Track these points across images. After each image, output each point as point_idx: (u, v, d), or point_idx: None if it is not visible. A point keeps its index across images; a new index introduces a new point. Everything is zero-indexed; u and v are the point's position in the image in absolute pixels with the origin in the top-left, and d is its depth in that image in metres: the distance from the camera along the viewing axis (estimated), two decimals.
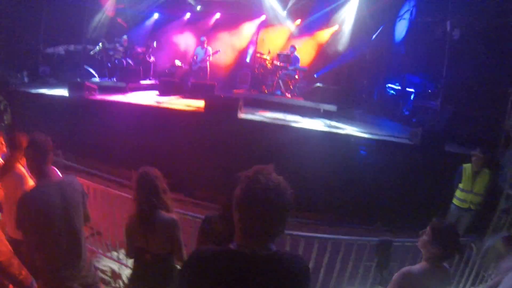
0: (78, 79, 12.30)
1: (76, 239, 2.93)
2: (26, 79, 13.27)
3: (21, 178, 3.51)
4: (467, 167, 6.38)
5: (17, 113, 10.36)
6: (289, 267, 1.64)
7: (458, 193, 6.44)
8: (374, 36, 13.85)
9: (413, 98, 12.42)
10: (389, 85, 13.44)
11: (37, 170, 2.88)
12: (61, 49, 15.11)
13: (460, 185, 6.40)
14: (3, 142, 4.05)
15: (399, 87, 13.04)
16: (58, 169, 3.39)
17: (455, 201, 6.47)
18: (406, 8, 13.18)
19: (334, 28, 14.51)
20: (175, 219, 3.03)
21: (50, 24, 14.33)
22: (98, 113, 9.66)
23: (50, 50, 14.88)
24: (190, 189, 7.85)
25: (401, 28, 13.47)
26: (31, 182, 3.42)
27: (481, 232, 6.36)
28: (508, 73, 8.07)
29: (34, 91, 11.34)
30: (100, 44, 13.22)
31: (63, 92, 10.89)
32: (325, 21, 14.61)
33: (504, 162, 7.49)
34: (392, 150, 7.98)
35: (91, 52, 13.65)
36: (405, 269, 2.79)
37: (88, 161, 8.75)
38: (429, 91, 11.82)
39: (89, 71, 13.76)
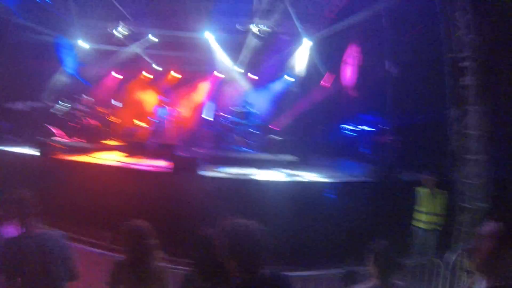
0: (41, 138, 12.29)
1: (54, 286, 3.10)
2: None
3: None
4: (420, 189, 6.94)
5: None
6: (279, 281, 2.27)
7: (419, 216, 6.93)
8: (324, 83, 14.71)
9: (369, 135, 13.10)
10: (345, 125, 14.11)
11: (20, 223, 3.07)
12: (20, 105, 15.06)
13: (421, 208, 6.90)
14: None
15: (355, 127, 13.74)
16: None
17: (419, 224, 6.91)
18: (349, 53, 14.15)
19: (288, 78, 15.54)
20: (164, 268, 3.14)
21: (9, 80, 14.39)
22: (62, 173, 9.62)
23: (8, 105, 14.82)
24: (161, 245, 7.91)
25: (347, 72, 14.33)
26: None
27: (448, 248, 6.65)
28: (444, 99, 8.69)
29: None
30: (63, 102, 13.34)
31: (24, 150, 10.93)
32: (277, 74, 15.63)
33: (455, 179, 7.90)
34: (353, 190, 8.41)
35: (53, 110, 13.72)
36: (356, 286, 3.15)
37: (53, 221, 8.70)
38: (381, 126, 12.53)
39: (50, 129, 13.76)
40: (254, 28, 14.28)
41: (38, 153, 10.32)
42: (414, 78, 10.45)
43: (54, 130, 13.41)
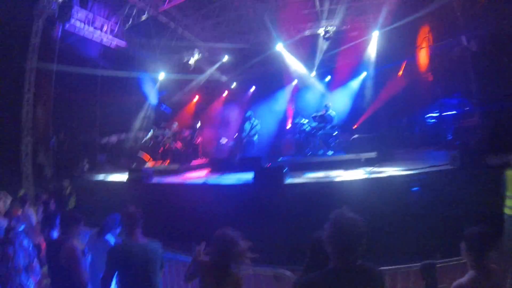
0: (135, 166, 13.30)
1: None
2: (86, 167, 14.58)
3: None
4: (509, 173, 6.27)
5: (81, 197, 11.42)
6: (372, 273, 2.43)
7: (508, 202, 6.28)
8: (400, 72, 14.28)
9: (454, 120, 12.38)
10: (428, 115, 13.53)
11: (128, 233, 3.76)
12: (113, 138, 16.60)
13: (508, 193, 6.25)
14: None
15: (438, 114, 13.10)
16: None
17: (507, 210, 6.27)
18: (422, 36, 13.58)
19: (362, 75, 15.29)
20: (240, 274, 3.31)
21: (104, 117, 16.00)
22: (156, 196, 10.43)
23: (104, 140, 16.41)
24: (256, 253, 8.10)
25: (423, 57, 13.82)
26: None
27: None
28: None
29: (94, 178, 12.81)
30: (151, 131, 14.35)
31: (121, 177, 11.98)
32: (352, 71, 15.45)
33: None
34: (435, 180, 7.95)
35: (143, 140, 14.83)
36: (455, 283, 3.03)
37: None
38: (468, 109, 11.81)
39: (142, 157, 14.82)
40: (321, 31, 14.31)
41: (129, 179, 11.19)
42: (497, 51, 9.55)
43: (145, 157, 14.47)
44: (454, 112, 12.45)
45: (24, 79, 12.45)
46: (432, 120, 13.39)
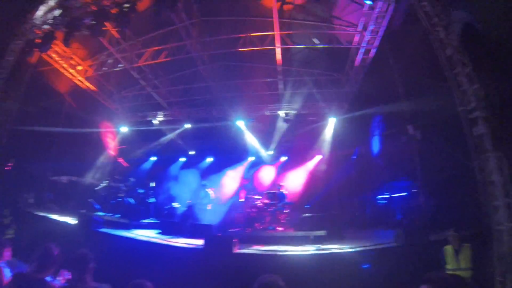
0: (85, 211, 12.99)
1: None
2: (31, 200, 14.00)
3: None
4: (447, 248, 6.86)
5: (21, 230, 10.98)
6: None
7: None
8: (354, 156, 15.22)
9: (402, 201, 13.13)
10: (379, 196, 14.21)
11: (79, 278, 3.61)
12: (64, 179, 16.16)
13: (447, 266, 6.76)
14: None
15: (388, 195, 13.82)
16: None
17: None
18: (374, 124, 14.66)
19: (318, 157, 16.04)
20: None
21: (59, 155, 15.64)
22: (102, 244, 10.28)
23: (54, 178, 15.92)
24: None
25: (375, 143, 14.73)
26: None
27: None
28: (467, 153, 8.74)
29: (39, 213, 12.39)
30: (106, 182, 14.23)
31: (67, 219, 11.71)
32: (307, 153, 16.19)
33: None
34: (380, 257, 8.38)
35: (96, 188, 14.62)
36: None
37: None
38: (414, 190, 12.55)
39: (93, 204, 14.48)
40: (281, 113, 15.28)
41: (79, 223, 10.95)
42: (437, 137, 10.73)
43: (95, 205, 14.20)
44: (403, 193, 13.31)
45: None
46: (383, 201, 14.10)
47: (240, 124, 16.18)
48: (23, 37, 11.92)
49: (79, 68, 14.66)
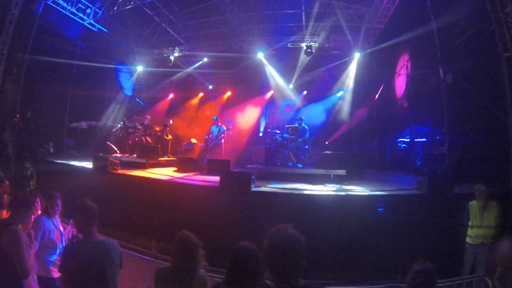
0: (101, 154, 12.97)
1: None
2: (51, 150, 14.17)
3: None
4: (472, 203, 6.53)
5: (42, 180, 11.17)
6: None
7: (469, 231, 6.52)
8: (377, 96, 14.52)
9: (424, 147, 12.70)
10: (400, 139, 13.80)
11: (85, 230, 3.38)
12: (83, 124, 16.20)
13: (470, 223, 6.49)
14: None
15: (409, 139, 13.35)
16: None
17: (468, 239, 6.52)
18: (401, 63, 13.90)
19: (339, 94, 15.48)
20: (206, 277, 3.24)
21: (75, 102, 15.56)
22: (119, 186, 10.29)
23: (74, 124, 15.98)
24: (208, 257, 8.01)
25: (400, 83, 14.08)
26: None
27: None
28: (503, 107, 8.14)
29: (59, 161, 12.36)
30: (122, 122, 14.06)
31: (86, 164, 11.66)
32: (329, 88, 15.61)
33: None
34: (401, 203, 8.06)
35: (113, 130, 14.51)
36: None
37: (107, 229, 9.10)
38: (437, 138, 12.07)
39: (111, 146, 14.48)
40: (304, 45, 14.49)
41: (98, 168, 10.86)
42: (471, 85, 9.91)
43: (113, 147, 14.15)
44: (424, 139, 12.80)
45: None
46: (403, 145, 13.69)
47: (261, 57, 15.53)
48: None
49: (88, 11, 14.24)
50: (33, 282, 3.83)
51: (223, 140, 13.61)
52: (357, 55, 14.71)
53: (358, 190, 9.00)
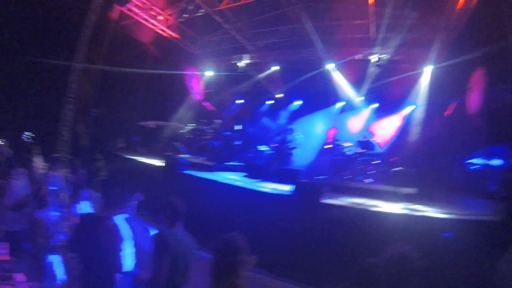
0: (169, 153, 13.51)
1: (188, 274, 3.72)
2: (121, 145, 14.98)
3: None
4: None
5: (111, 173, 11.76)
6: None
7: None
8: (449, 112, 13.94)
9: (501, 170, 11.81)
10: (471, 160, 13.02)
11: (171, 224, 3.79)
12: (152, 123, 16.99)
13: None
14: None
15: (483, 161, 12.60)
16: None
17: None
18: (476, 78, 12.94)
19: (410, 108, 15.01)
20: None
21: (146, 101, 16.40)
22: (186, 186, 10.66)
23: (143, 123, 16.81)
24: (272, 265, 7.88)
25: (474, 99, 13.27)
26: None
27: None
28: None
29: (127, 156, 13.11)
30: (192, 125, 14.56)
31: (153, 161, 12.24)
32: (399, 103, 15.19)
33: None
34: (475, 230, 7.57)
35: (182, 131, 15.07)
36: None
37: None
38: None
39: (179, 147, 15.03)
40: (372, 58, 14.30)
41: (169, 166, 11.32)
42: None
43: (180, 148, 14.69)
44: (501, 161, 12.17)
45: (75, 50, 12.93)
46: (475, 167, 12.90)
47: (330, 67, 15.49)
48: None
49: (160, 18, 14.97)
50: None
51: (295, 151, 13.51)
52: (428, 69, 14.15)
53: (429, 211, 8.78)
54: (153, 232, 4.15)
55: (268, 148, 14.80)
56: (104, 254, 3.65)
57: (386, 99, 15.43)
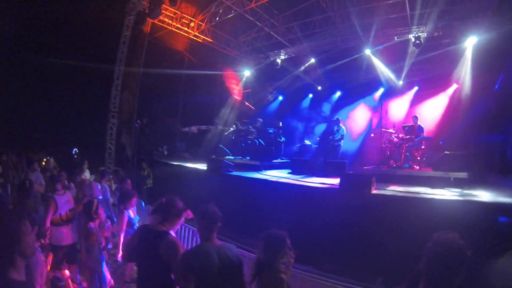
0: (214, 156, 13.79)
1: None
2: (166, 152, 15.55)
3: None
4: None
5: (158, 180, 12.22)
6: None
7: None
8: (496, 87, 13.36)
9: None
10: None
11: (205, 235, 3.53)
12: (194, 128, 17.44)
13: None
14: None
15: None
16: None
17: None
18: None
19: (453, 87, 14.61)
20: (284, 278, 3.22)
21: (187, 107, 16.87)
22: (233, 187, 10.73)
23: (185, 129, 17.28)
24: (320, 262, 7.98)
25: None
26: None
27: None
28: None
29: (173, 162, 13.42)
30: (234, 126, 14.81)
31: (199, 165, 12.49)
32: (442, 83, 14.76)
33: None
34: None
35: (226, 133, 15.36)
36: None
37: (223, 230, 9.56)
38: None
39: (223, 149, 15.32)
40: (411, 37, 13.89)
41: (212, 169, 11.65)
42: None
43: (225, 150, 14.96)
44: None
45: (115, 67, 13.56)
46: None
47: (368, 53, 15.30)
48: (133, 11, 13.69)
49: (192, 24, 15.54)
50: None
51: (342, 142, 13.58)
52: (471, 41, 13.45)
53: (483, 195, 8.44)
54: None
55: (312, 143, 14.76)
56: (160, 266, 3.72)
57: (429, 80, 14.98)
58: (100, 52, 13.98)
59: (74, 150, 16.03)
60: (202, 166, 12.27)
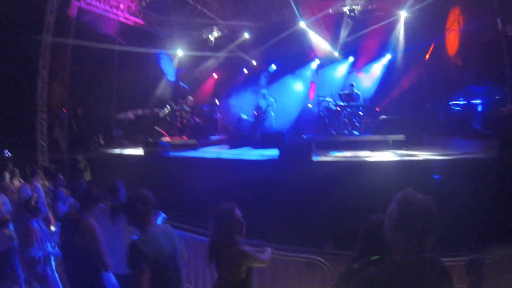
0: (150, 139, 13.15)
1: (180, 278, 3.22)
2: (102, 142, 14.60)
3: None
4: None
5: (96, 171, 11.56)
6: (441, 268, 1.94)
7: None
8: (427, 56, 13.83)
9: (482, 109, 11.91)
10: (454, 102, 13.01)
11: (145, 220, 3.15)
12: (130, 114, 16.56)
13: None
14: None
15: (464, 102, 12.59)
16: None
17: None
18: (452, 18, 13.06)
19: (387, 57, 14.96)
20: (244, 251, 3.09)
21: (120, 93, 15.97)
22: (172, 169, 10.26)
23: (121, 115, 16.38)
24: (271, 235, 7.58)
25: (452, 40, 13.31)
26: None
27: None
28: None
29: (110, 151, 12.79)
30: (168, 106, 14.17)
31: (136, 151, 11.87)
32: (377, 53, 15.12)
33: None
34: (469, 168, 7.39)
35: (160, 114, 14.68)
36: None
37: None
38: (497, 97, 11.32)
39: (159, 131, 14.67)
40: (346, 9, 13.93)
41: (149, 153, 11.01)
42: None
43: (162, 131, 14.32)
44: (480, 100, 12.01)
45: (39, 56, 12.38)
46: (458, 108, 12.87)
47: (303, 26, 15.12)
48: None
49: (121, 6, 14.54)
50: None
51: (273, 113, 13.54)
52: (403, 14, 13.81)
53: (421, 155, 8.61)
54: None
55: (248, 117, 14.52)
56: (81, 254, 3.56)
57: (364, 51, 15.20)
58: (23, 42, 12.67)
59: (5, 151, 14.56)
60: (140, 152, 11.60)
